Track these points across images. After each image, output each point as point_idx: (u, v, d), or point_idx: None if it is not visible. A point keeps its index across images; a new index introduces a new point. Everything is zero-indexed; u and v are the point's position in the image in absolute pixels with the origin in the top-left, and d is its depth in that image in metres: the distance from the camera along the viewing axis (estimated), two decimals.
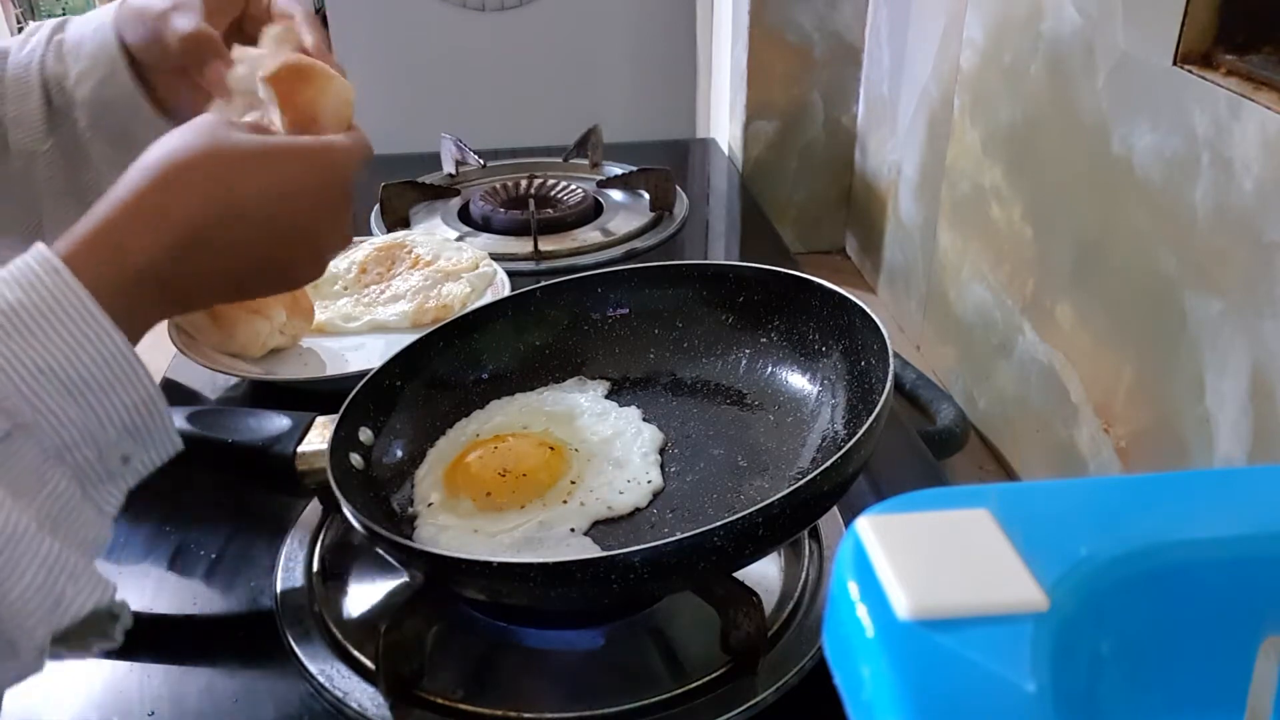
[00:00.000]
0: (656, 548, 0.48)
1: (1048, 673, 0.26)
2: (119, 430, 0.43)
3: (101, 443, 0.43)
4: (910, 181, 1.07)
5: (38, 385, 0.41)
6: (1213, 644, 0.30)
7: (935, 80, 0.99)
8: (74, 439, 0.42)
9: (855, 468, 0.53)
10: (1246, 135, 0.57)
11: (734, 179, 1.28)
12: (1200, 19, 0.61)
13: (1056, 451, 0.80)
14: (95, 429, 0.43)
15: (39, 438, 0.41)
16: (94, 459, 0.43)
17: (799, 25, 1.19)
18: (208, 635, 0.61)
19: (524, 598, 0.53)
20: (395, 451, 0.67)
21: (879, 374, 0.59)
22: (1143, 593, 0.29)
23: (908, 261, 1.08)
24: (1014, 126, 0.83)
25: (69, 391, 0.42)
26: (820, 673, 0.56)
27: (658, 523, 0.60)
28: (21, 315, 0.41)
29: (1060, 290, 0.78)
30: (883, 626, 0.27)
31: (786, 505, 0.49)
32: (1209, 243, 0.61)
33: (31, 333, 0.41)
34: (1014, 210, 0.84)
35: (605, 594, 0.51)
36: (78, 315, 0.42)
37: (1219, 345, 0.61)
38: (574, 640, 0.59)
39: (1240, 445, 0.60)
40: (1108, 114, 0.69)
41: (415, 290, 0.93)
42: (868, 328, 0.62)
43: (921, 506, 0.30)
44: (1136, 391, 0.69)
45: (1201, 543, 0.30)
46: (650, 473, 0.63)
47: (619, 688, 0.55)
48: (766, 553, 0.57)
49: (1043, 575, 0.28)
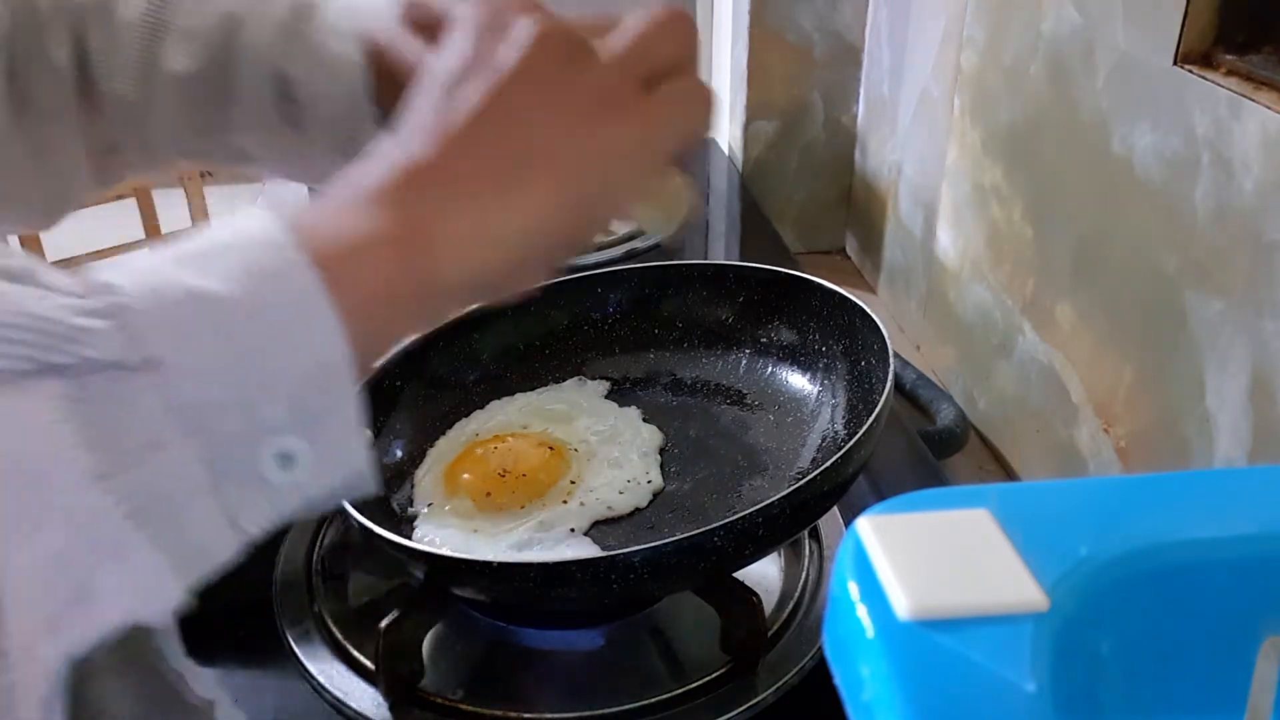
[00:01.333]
0: (656, 548, 0.48)
1: (1048, 673, 0.26)
2: (284, 404, 0.31)
3: (255, 416, 0.31)
4: (910, 181, 1.07)
5: (188, 313, 0.30)
6: (1213, 644, 0.30)
7: (935, 80, 0.99)
8: (217, 397, 0.30)
9: (855, 468, 0.53)
10: (1247, 135, 0.57)
11: (734, 179, 1.28)
12: (1201, 19, 0.61)
13: (1057, 451, 0.80)
14: (247, 390, 0.30)
15: (167, 386, 0.29)
16: (239, 437, 0.31)
17: (799, 25, 1.19)
18: (207, 635, 0.61)
19: (524, 598, 0.53)
20: (395, 451, 0.67)
21: (879, 374, 0.59)
22: (1143, 593, 0.29)
23: (908, 261, 1.08)
24: (1014, 126, 0.83)
25: (224, 332, 0.30)
26: (820, 673, 0.55)
27: (658, 523, 0.60)
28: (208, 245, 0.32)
29: (1060, 290, 0.78)
30: (883, 626, 0.27)
31: (786, 505, 0.49)
32: (1209, 242, 0.61)
33: (208, 259, 0.31)
34: (1014, 210, 0.84)
35: (605, 594, 0.51)
36: (265, 246, 0.32)
37: (1219, 345, 0.61)
38: (574, 640, 0.59)
39: (1241, 445, 0.60)
40: (1108, 114, 0.69)
41: None
42: (868, 328, 0.62)
43: (921, 506, 0.30)
44: (1137, 391, 0.69)
45: (1202, 543, 0.30)
46: (650, 473, 0.63)
47: (619, 688, 0.55)
48: (767, 553, 0.57)
49: (1043, 575, 0.28)
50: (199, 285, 0.30)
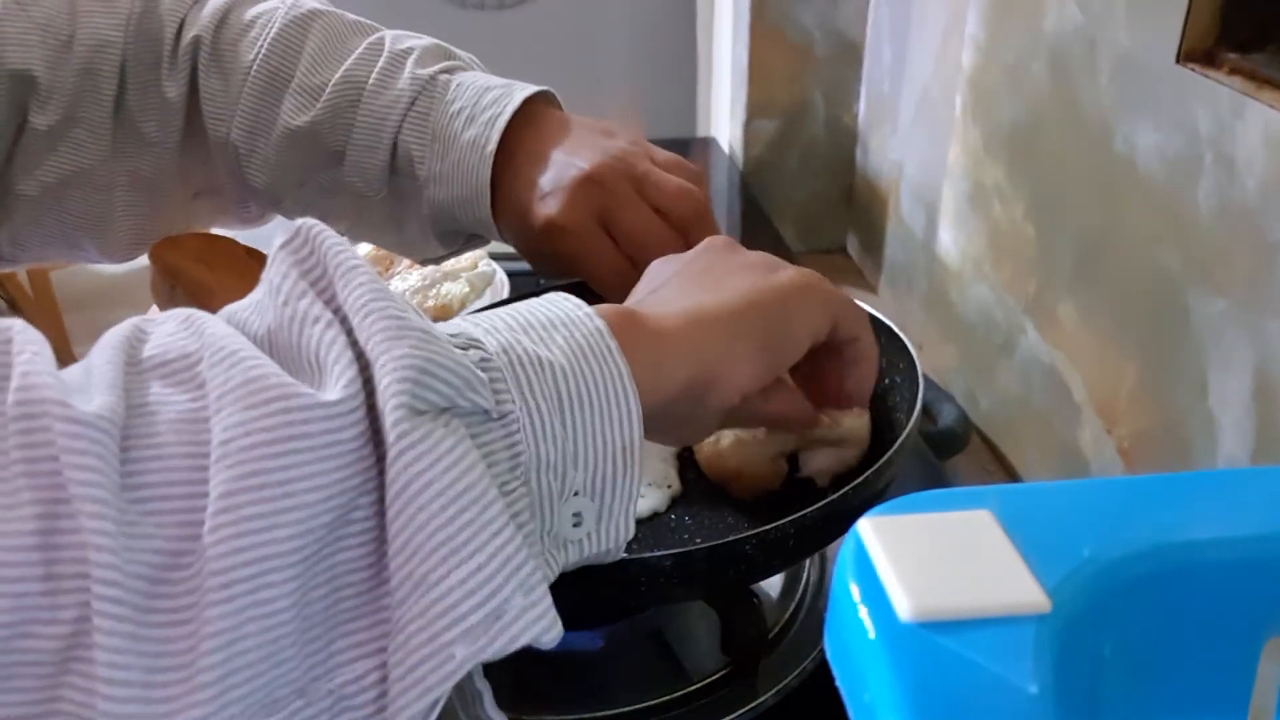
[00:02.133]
0: (689, 553, 0.48)
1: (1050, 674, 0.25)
2: (588, 472, 0.36)
3: (566, 478, 0.35)
4: (911, 180, 1.07)
5: (533, 377, 0.34)
6: (1216, 646, 0.30)
7: (937, 78, 0.99)
8: (546, 457, 0.34)
9: (885, 483, 0.53)
10: (1250, 134, 0.57)
11: (734, 178, 1.28)
12: (1203, 17, 0.61)
13: (1059, 452, 0.80)
14: (566, 455, 0.35)
15: (512, 438, 0.33)
16: (553, 495, 0.35)
17: (800, 23, 1.18)
18: None
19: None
20: None
21: (905, 392, 0.59)
22: (1145, 594, 0.29)
23: (909, 261, 1.08)
24: (1016, 125, 0.83)
25: (559, 399, 0.35)
26: (822, 675, 0.55)
27: (677, 527, 0.60)
28: (535, 318, 0.37)
29: (1062, 290, 0.78)
30: (884, 628, 0.27)
31: (819, 517, 0.49)
32: (1212, 242, 0.61)
33: (539, 331, 0.36)
34: (1016, 209, 0.84)
35: (630, 597, 0.51)
36: (589, 333, 0.37)
37: (1222, 345, 0.60)
38: (574, 641, 0.59)
39: (1243, 446, 0.59)
40: (1110, 112, 0.69)
41: (414, 290, 0.93)
42: (894, 346, 0.61)
43: (923, 508, 0.30)
44: (1139, 392, 0.69)
45: (1205, 544, 0.30)
46: (669, 476, 0.63)
47: (619, 689, 0.55)
48: (791, 564, 0.57)
49: (1045, 576, 0.28)
50: (541, 353, 0.35)
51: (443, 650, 0.30)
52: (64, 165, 0.60)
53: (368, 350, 0.31)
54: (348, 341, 0.31)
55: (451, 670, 0.30)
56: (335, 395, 0.30)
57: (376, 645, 0.31)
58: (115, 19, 0.60)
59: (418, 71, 0.59)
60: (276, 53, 0.60)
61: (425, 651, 0.30)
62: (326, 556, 0.30)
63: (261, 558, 0.28)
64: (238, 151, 0.61)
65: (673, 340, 0.40)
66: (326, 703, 0.30)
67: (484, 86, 0.58)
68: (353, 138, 0.59)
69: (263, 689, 0.29)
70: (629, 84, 1.56)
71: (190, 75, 0.61)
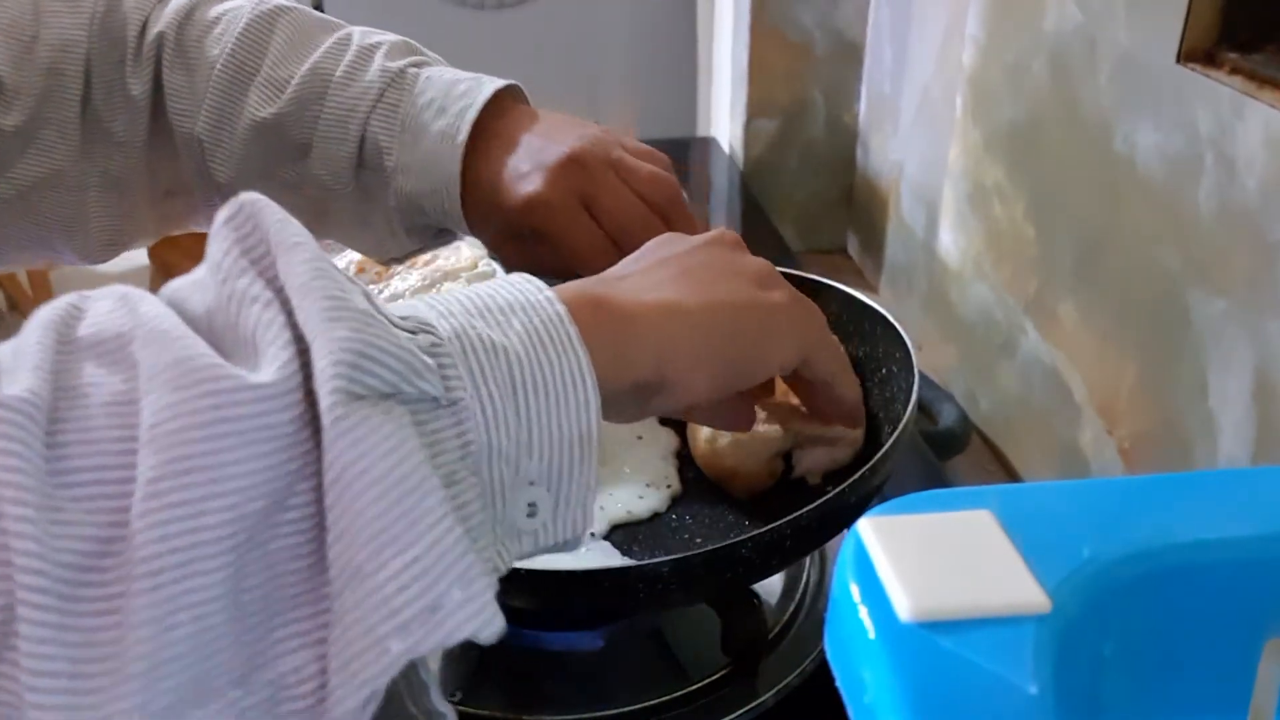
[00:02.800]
0: (686, 558, 0.48)
1: (1050, 675, 0.25)
2: (543, 461, 0.35)
3: (520, 467, 0.34)
4: (912, 180, 1.07)
5: (487, 363, 0.33)
6: (1216, 646, 0.30)
7: (937, 78, 0.99)
8: (499, 446, 0.33)
9: (881, 480, 0.53)
10: (1250, 134, 0.57)
11: (734, 177, 1.28)
12: (1203, 17, 0.61)
13: (1059, 452, 0.80)
14: (520, 443, 0.34)
15: (462, 425, 0.32)
16: (507, 483, 0.34)
17: (800, 23, 1.18)
18: None
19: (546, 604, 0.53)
20: None
21: (901, 383, 0.59)
22: (1146, 594, 0.29)
23: (909, 260, 1.08)
24: (1016, 125, 0.83)
25: (514, 386, 0.34)
26: (822, 675, 0.55)
27: (678, 528, 0.60)
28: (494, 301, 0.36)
29: (1063, 290, 0.78)
30: (884, 628, 0.27)
31: (815, 518, 0.49)
32: (1212, 242, 0.61)
33: (496, 315, 0.35)
34: (1016, 209, 0.84)
35: (629, 602, 0.51)
36: (549, 319, 0.36)
37: (1222, 345, 0.60)
38: (574, 641, 0.59)
39: (1244, 446, 0.59)
40: (1110, 112, 0.69)
41: (413, 290, 0.93)
42: (889, 336, 0.61)
43: (923, 508, 0.30)
44: (1139, 392, 0.69)
45: (1205, 544, 0.30)
46: (669, 476, 0.63)
47: (619, 690, 0.55)
48: (790, 564, 0.57)
49: (1045, 577, 0.28)
50: (496, 338, 0.34)
51: (379, 644, 0.28)
52: (34, 168, 0.60)
53: (305, 331, 0.30)
54: (287, 322, 0.30)
55: (387, 664, 0.29)
56: (268, 377, 0.29)
57: (318, 635, 0.30)
58: (79, 18, 0.60)
59: (387, 64, 0.59)
60: (243, 47, 0.60)
61: (362, 644, 0.29)
62: (262, 544, 0.29)
63: (190, 545, 0.27)
64: (203, 146, 0.61)
65: (638, 333, 0.39)
66: (266, 693, 0.29)
67: (453, 79, 0.59)
68: (319, 129, 0.59)
69: (197, 679, 0.28)
70: (629, 84, 1.56)
71: (155, 72, 0.61)
